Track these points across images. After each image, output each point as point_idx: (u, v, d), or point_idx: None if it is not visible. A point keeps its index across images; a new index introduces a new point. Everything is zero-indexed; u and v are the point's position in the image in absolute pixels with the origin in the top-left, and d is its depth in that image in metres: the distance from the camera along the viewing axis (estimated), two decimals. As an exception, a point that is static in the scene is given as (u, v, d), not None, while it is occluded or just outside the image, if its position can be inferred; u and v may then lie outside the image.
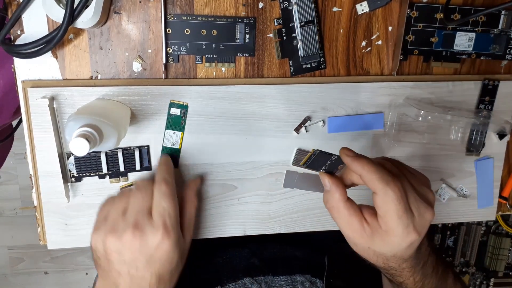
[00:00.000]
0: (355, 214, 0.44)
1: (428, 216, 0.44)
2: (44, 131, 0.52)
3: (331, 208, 0.46)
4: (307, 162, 0.46)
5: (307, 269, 0.64)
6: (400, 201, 0.42)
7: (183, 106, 0.51)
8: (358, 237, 0.45)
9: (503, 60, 0.59)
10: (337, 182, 0.46)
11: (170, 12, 0.51)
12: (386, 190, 0.41)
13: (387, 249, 0.45)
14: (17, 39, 0.50)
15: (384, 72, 0.57)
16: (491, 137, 0.61)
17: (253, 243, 0.67)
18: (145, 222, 0.46)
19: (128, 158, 0.55)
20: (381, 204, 0.42)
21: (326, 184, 0.46)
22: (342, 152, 0.45)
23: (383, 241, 0.44)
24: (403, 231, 0.42)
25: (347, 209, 0.45)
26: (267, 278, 0.61)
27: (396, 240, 0.43)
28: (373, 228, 0.44)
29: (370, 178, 0.42)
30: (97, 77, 0.52)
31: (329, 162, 0.46)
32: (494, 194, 0.63)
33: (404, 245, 0.44)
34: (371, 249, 0.45)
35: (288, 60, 0.55)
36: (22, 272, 1.64)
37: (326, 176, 0.46)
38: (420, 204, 0.43)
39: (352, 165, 0.44)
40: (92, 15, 0.46)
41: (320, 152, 0.45)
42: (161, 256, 0.46)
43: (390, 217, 0.42)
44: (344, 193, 0.45)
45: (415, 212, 0.43)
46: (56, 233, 0.56)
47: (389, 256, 0.45)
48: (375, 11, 0.55)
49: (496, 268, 0.86)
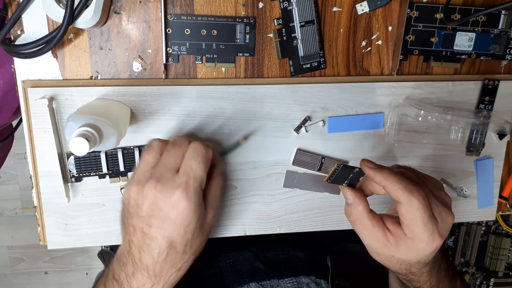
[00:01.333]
0: (378, 225, 0.45)
1: (449, 220, 0.45)
2: (44, 131, 0.52)
3: (355, 221, 0.46)
4: (331, 177, 0.47)
5: (311, 270, 0.64)
6: (425, 209, 0.43)
7: (236, 145, 0.52)
8: (382, 247, 0.46)
9: (503, 60, 0.59)
10: (360, 195, 0.46)
11: (170, 12, 0.51)
12: (411, 199, 0.42)
13: (413, 256, 0.46)
14: (17, 39, 0.50)
15: (384, 72, 0.57)
16: (491, 137, 0.61)
17: (255, 246, 0.67)
18: (168, 177, 0.43)
19: (128, 158, 0.55)
20: (406, 213, 0.43)
21: (348, 198, 0.47)
22: (363, 164, 0.46)
23: (409, 248, 0.45)
24: (428, 237, 0.43)
25: (371, 220, 0.45)
26: (273, 282, 0.61)
27: (422, 246, 0.44)
28: (398, 237, 0.45)
29: (393, 189, 0.43)
30: (97, 77, 0.53)
31: (351, 175, 0.47)
32: (494, 194, 0.63)
33: (430, 251, 0.45)
34: (395, 257, 0.46)
35: (288, 60, 0.55)
36: (22, 272, 1.64)
37: (349, 189, 0.47)
38: (442, 209, 0.45)
39: (375, 177, 0.45)
40: (92, 15, 0.46)
41: (344, 166, 0.46)
42: (177, 217, 0.43)
43: (416, 225, 0.43)
44: (367, 205, 0.46)
45: (438, 217, 0.44)
46: (56, 233, 0.56)
47: (413, 262, 0.46)
48: (375, 11, 0.55)
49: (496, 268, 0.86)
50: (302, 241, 0.69)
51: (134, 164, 0.55)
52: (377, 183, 0.45)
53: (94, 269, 1.62)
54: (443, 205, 0.45)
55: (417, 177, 0.47)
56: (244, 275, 0.63)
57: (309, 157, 0.58)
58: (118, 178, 0.55)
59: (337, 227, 0.61)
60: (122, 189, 0.56)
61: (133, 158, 0.55)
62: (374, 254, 0.48)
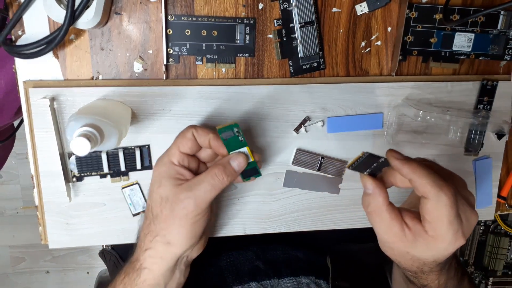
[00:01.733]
0: (397, 218, 0.43)
1: (473, 220, 0.43)
2: (46, 131, 0.52)
3: (372, 212, 0.44)
4: (354, 164, 0.45)
5: (311, 270, 0.64)
6: (453, 207, 0.40)
7: (232, 126, 0.47)
8: (398, 242, 0.44)
9: (502, 61, 0.59)
10: (380, 185, 0.44)
11: (171, 13, 0.52)
12: (440, 195, 0.40)
13: (430, 255, 0.44)
14: (18, 40, 0.50)
15: (383, 72, 0.58)
16: (489, 137, 0.61)
17: (256, 246, 0.67)
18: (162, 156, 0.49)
19: (129, 158, 0.55)
20: (432, 210, 0.41)
21: (368, 187, 0.44)
22: (390, 155, 0.44)
23: (428, 246, 0.43)
24: (452, 237, 0.41)
25: (389, 213, 0.43)
26: (273, 282, 0.62)
27: (443, 246, 0.42)
28: (416, 233, 0.43)
29: (421, 183, 0.41)
30: (98, 77, 0.53)
31: (375, 164, 0.45)
32: (492, 193, 0.64)
33: (450, 251, 0.43)
34: (409, 254, 0.44)
35: (288, 61, 0.55)
36: (23, 272, 1.64)
37: (369, 179, 0.44)
38: (467, 208, 0.43)
39: (402, 169, 0.42)
40: (93, 15, 0.46)
41: (369, 155, 0.44)
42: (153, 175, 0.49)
43: (442, 223, 0.41)
44: (387, 197, 0.44)
45: (463, 217, 0.42)
46: (57, 233, 0.56)
47: (429, 261, 0.44)
48: (375, 12, 0.55)
49: (494, 267, 0.86)
50: (302, 241, 0.70)
51: (135, 164, 0.55)
52: (403, 176, 0.43)
53: (95, 269, 1.62)
54: (468, 204, 0.43)
55: (444, 172, 0.44)
56: (245, 275, 0.63)
57: (308, 157, 0.58)
58: (119, 177, 0.55)
59: (337, 226, 0.61)
60: (123, 189, 0.56)
61: (134, 158, 0.55)
62: (387, 249, 0.46)
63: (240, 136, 0.47)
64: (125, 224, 0.57)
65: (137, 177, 0.56)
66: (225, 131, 0.47)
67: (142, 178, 0.56)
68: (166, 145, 0.54)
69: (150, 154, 0.55)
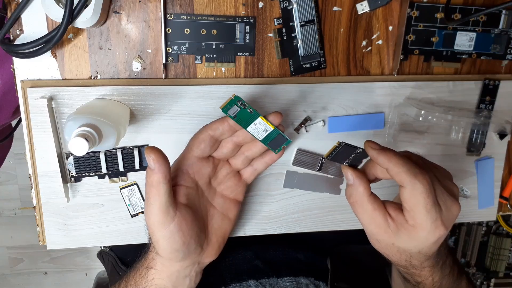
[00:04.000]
0: (379, 209, 0.43)
1: (455, 210, 0.43)
2: (44, 131, 0.52)
3: (354, 203, 0.45)
4: (331, 154, 0.45)
5: (310, 271, 0.64)
6: (429, 195, 0.41)
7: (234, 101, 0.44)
8: (382, 233, 0.44)
9: (504, 60, 0.59)
10: (360, 175, 0.44)
11: (170, 12, 0.51)
12: (415, 183, 0.40)
13: (413, 245, 0.44)
14: (17, 39, 0.50)
15: (385, 72, 0.57)
16: (491, 137, 0.61)
17: (256, 246, 0.67)
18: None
19: (127, 158, 0.54)
20: (409, 198, 0.41)
21: (349, 178, 0.45)
22: (367, 145, 0.44)
23: (410, 236, 0.43)
24: (431, 225, 0.42)
25: (371, 203, 0.43)
26: (272, 281, 0.61)
27: (423, 234, 0.42)
28: (398, 223, 0.43)
29: (397, 171, 0.41)
30: (97, 77, 0.52)
31: (353, 155, 0.45)
32: (494, 194, 0.63)
33: (431, 240, 0.43)
34: (395, 245, 0.44)
35: (288, 60, 0.55)
36: (21, 273, 1.63)
37: (350, 169, 0.45)
38: (447, 197, 0.43)
39: (378, 158, 0.43)
40: (91, 14, 0.45)
41: (345, 145, 0.44)
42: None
43: (418, 211, 0.41)
44: (368, 187, 0.44)
45: (442, 206, 0.42)
46: (56, 234, 0.56)
47: (414, 252, 0.44)
48: (376, 11, 0.55)
49: (496, 268, 0.86)
50: (303, 242, 0.69)
51: (133, 164, 0.55)
52: (380, 165, 0.43)
53: (93, 270, 1.62)
54: (450, 194, 0.43)
55: (424, 163, 0.45)
56: (243, 273, 0.62)
57: (309, 157, 0.58)
58: (118, 178, 0.55)
59: (338, 227, 0.61)
60: (121, 189, 0.55)
61: (133, 158, 0.54)
62: (374, 241, 0.46)
63: (248, 107, 0.45)
64: (124, 225, 0.57)
65: (136, 178, 0.55)
66: (229, 108, 0.45)
67: (141, 178, 0.56)
68: (165, 145, 0.54)
69: (149, 154, 0.55)
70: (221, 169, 0.51)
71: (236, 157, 0.51)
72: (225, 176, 0.51)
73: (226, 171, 0.51)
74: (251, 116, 0.45)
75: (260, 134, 0.47)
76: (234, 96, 0.44)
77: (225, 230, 0.52)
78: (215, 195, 0.51)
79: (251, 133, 0.47)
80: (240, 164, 0.51)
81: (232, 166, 0.51)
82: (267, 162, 0.51)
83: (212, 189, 0.51)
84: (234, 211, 0.53)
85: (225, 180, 0.51)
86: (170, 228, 0.45)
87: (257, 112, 0.45)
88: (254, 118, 0.45)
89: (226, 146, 0.49)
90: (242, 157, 0.50)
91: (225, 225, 0.52)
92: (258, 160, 0.51)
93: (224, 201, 0.52)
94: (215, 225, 0.51)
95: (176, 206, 0.46)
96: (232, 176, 0.51)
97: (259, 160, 0.51)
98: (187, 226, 0.46)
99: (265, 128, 0.46)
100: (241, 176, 0.52)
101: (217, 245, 0.51)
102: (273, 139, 0.47)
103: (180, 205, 0.47)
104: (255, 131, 0.46)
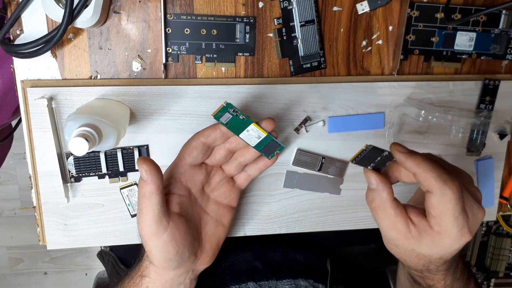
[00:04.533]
0: (401, 215, 0.42)
1: (480, 215, 0.42)
2: (44, 131, 0.52)
3: (376, 208, 0.44)
4: (357, 158, 0.44)
5: (310, 273, 0.64)
6: (458, 202, 0.40)
7: (225, 108, 0.44)
8: (402, 239, 0.43)
9: (504, 60, 0.59)
10: (385, 180, 0.43)
11: (170, 12, 0.51)
12: (444, 189, 0.39)
13: (436, 251, 0.43)
14: (17, 39, 0.50)
15: (385, 72, 0.57)
16: (491, 137, 0.61)
17: (255, 246, 0.67)
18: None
19: (127, 158, 0.54)
20: (437, 204, 0.40)
21: (372, 182, 0.43)
22: (394, 148, 0.43)
23: (433, 242, 0.42)
24: (457, 233, 0.41)
25: (394, 209, 0.42)
26: (271, 283, 0.61)
27: (449, 242, 0.41)
28: (421, 229, 0.42)
29: (426, 177, 0.40)
30: (97, 77, 0.52)
31: (378, 158, 0.44)
32: (494, 194, 0.63)
33: (456, 247, 0.42)
34: (415, 251, 0.44)
35: (288, 60, 0.55)
36: (21, 273, 1.63)
37: (373, 173, 0.43)
38: (473, 204, 0.42)
39: (406, 163, 0.41)
40: (91, 14, 0.45)
41: (373, 148, 0.43)
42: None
43: (446, 218, 0.40)
44: (391, 192, 0.43)
45: (469, 212, 0.41)
46: (56, 234, 0.56)
47: (434, 258, 0.44)
48: (376, 11, 0.55)
49: (496, 268, 0.86)
50: (303, 243, 0.69)
51: (133, 164, 0.55)
52: (407, 169, 0.42)
53: (93, 270, 1.62)
54: (475, 200, 0.42)
55: (449, 167, 0.44)
56: (243, 274, 0.62)
57: (309, 157, 0.58)
58: (118, 178, 0.55)
59: (338, 227, 0.61)
60: (121, 190, 0.55)
61: (133, 158, 0.54)
62: (392, 246, 0.45)
63: (240, 115, 0.45)
64: (124, 225, 0.57)
65: (136, 178, 0.55)
66: (221, 115, 0.45)
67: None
68: (165, 145, 0.54)
69: (149, 154, 0.55)
70: (214, 176, 0.50)
71: (229, 163, 0.50)
72: (219, 183, 0.51)
73: (219, 177, 0.51)
74: (243, 123, 0.45)
75: (253, 140, 0.47)
76: (226, 103, 0.44)
77: (219, 237, 0.52)
78: (208, 201, 0.51)
79: (244, 140, 0.47)
80: (234, 170, 0.50)
81: (226, 172, 0.51)
82: (260, 167, 0.51)
83: (206, 196, 0.51)
84: (228, 217, 0.52)
85: (218, 187, 0.51)
86: (163, 238, 0.45)
87: (249, 119, 0.45)
88: (247, 124, 0.45)
89: (219, 152, 0.49)
90: (235, 163, 0.50)
91: (219, 231, 0.51)
92: (251, 166, 0.51)
93: (218, 207, 0.51)
94: (209, 232, 0.51)
95: (169, 215, 0.46)
96: (226, 182, 0.51)
97: (252, 166, 0.51)
98: (180, 235, 0.46)
99: (257, 134, 0.46)
100: (235, 182, 0.52)
101: (211, 252, 0.51)
102: (266, 145, 0.47)
103: (173, 215, 0.46)
104: (248, 138, 0.46)
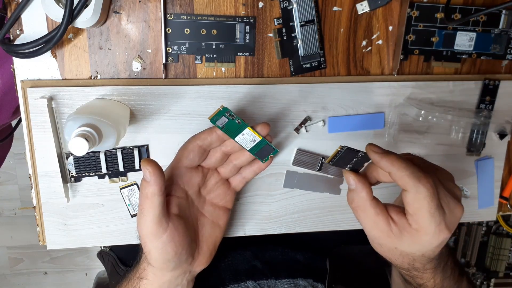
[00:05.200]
0: (382, 213, 0.43)
1: (458, 212, 0.43)
2: (44, 131, 0.52)
3: (357, 208, 0.44)
4: (333, 159, 0.45)
5: (309, 273, 0.64)
6: (433, 198, 0.40)
7: (222, 112, 0.45)
8: (385, 237, 0.44)
9: (504, 60, 0.59)
10: (363, 180, 0.44)
11: (170, 12, 0.51)
12: (418, 186, 0.40)
13: (417, 249, 0.43)
14: (17, 39, 0.50)
15: (385, 72, 0.57)
16: (491, 137, 0.61)
17: (255, 246, 0.67)
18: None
19: (127, 158, 0.54)
20: (412, 202, 0.41)
21: (351, 183, 0.44)
22: (369, 149, 0.44)
23: (413, 240, 0.42)
24: (435, 229, 0.41)
25: (374, 208, 0.43)
26: (270, 282, 0.61)
27: (427, 238, 0.42)
28: (402, 227, 0.43)
29: (400, 175, 0.41)
30: (97, 77, 0.52)
31: (355, 159, 0.45)
32: (494, 194, 0.63)
33: (435, 244, 0.42)
34: (398, 249, 0.44)
35: (288, 60, 0.55)
36: (21, 273, 1.63)
37: (351, 174, 0.44)
38: (450, 200, 0.42)
39: (381, 162, 0.42)
40: (91, 14, 0.45)
41: (348, 149, 0.43)
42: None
43: (422, 214, 0.41)
44: (370, 191, 0.44)
45: (445, 208, 0.42)
46: (56, 234, 0.56)
47: (417, 256, 0.44)
48: (376, 11, 0.55)
49: (496, 268, 0.86)
50: (302, 243, 0.69)
51: (133, 164, 0.55)
52: (382, 169, 0.43)
53: (93, 270, 1.62)
54: (452, 196, 0.43)
55: (426, 165, 0.44)
56: (242, 274, 0.62)
57: (309, 157, 0.58)
58: (118, 178, 0.55)
59: (338, 227, 0.61)
60: (121, 189, 0.55)
61: (133, 158, 0.54)
62: (376, 246, 0.46)
63: (236, 118, 0.46)
64: (124, 225, 0.57)
65: (136, 178, 0.55)
66: (217, 119, 0.45)
67: (141, 178, 0.55)
68: (165, 145, 0.54)
69: (149, 154, 0.55)
70: (210, 178, 0.51)
71: (225, 166, 0.51)
72: (214, 185, 0.51)
73: (215, 179, 0.51)
74: (239, 127, 0.46)
75: (248, 144, 0.47)
76: (223, 108, 0.45)
77: (215, 238, 0.52)
78: (205, 203, 0.52)
79: (239, 143, 0.47)
80: (229, 172, 0.51)
81: (221, 175, 0.52)
82: (255, 170, 0.52)
83: (202, 198, 0.51)
84: (224, 218, 0.53)
85: (214, 189, 0.52)
86: (162, 239, 0.46)
87: (244, 123, 0.46)
88: (242, 128, 0.46)
89: (214, 155, 0.50)
90: (231, 165, 0.51)
91: (216, 233, 0.52)
92: (246, 169, 0.52)
93: (214, 209, 0.52)
94: (205, 234, 0.51)
95: (169, 217, 0.46)
96: (221, 184, 0.52)
97: (247, 169, 0.52)
98: (179, 237, 0.47)
99: (252, 138, 0.47)
100: (230, 184, 0.52)
101: (208, 253, 0.51)
102: (260, 149, 0.48)
103: (173, 216, 0.47)
104: (243, 141, 0.47)
